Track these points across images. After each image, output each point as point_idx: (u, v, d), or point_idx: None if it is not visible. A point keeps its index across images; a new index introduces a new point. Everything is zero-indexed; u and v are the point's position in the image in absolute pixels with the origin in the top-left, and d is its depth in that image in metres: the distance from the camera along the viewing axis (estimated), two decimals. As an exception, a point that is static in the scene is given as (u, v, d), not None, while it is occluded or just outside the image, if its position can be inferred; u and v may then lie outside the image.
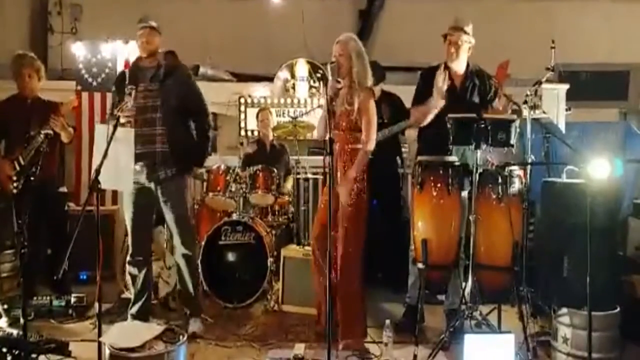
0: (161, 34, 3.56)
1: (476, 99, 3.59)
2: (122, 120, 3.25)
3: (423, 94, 3.55)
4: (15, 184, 3.80)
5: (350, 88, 3.32)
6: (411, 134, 4.47)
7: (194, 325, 3.61)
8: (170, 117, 3.45)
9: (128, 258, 3.58)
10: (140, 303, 3.58)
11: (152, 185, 3.50)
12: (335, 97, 3.35)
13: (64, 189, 4.39)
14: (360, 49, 3.38)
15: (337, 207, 3.32)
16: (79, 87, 5.75)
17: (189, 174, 3.73)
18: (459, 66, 3.56)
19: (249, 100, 6.07)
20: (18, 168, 3.84)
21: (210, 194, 4.45)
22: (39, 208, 3.88)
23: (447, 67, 3.53)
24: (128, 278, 4.03)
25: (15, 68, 4.08)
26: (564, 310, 3.16)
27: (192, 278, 3.66)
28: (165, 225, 3.89)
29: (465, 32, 3.50)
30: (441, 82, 3.38)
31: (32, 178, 3.67)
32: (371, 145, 3.33)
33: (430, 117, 3.49)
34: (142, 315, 3.54)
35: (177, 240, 3.61)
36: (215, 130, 6.01)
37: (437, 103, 3.41)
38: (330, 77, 3.31)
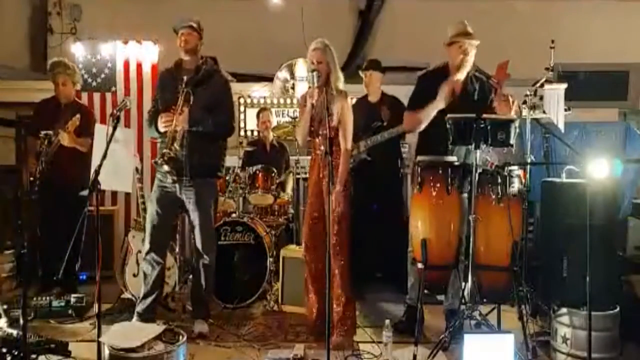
0: (202, 36, 3.62)
1: (477, 101, 3.54)
2: (161, 128, 3.37)
3: (420, 98, 3.54)
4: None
5: (327, 94, 3.33)
6: (410, 135, 4.46)
7: (201, 326, 3.60)
8: (199, 123, 3.45)
9: (143, 255, 3.58)
10: (148, 302, 3.57)
11: (177, 189, 3.51)
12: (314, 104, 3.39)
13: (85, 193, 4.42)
14: (334, 54, 3.45)
15: (324, 204, 3.38)
16: (79, 87, 5.74)
17: (213, 181, 3.70)
18: (464, 72, 3.51)
19: (248, 101, 6.06)
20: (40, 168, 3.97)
21: (210, 194, 4.43)
22: (59, 210, 4.03)
23: (447, 72, 3.51)
24: (128, 278, 4.05)
25: (50, 75, 4.35)
26: (564, 310, 3.16)
27: (207, 283, 3.67)
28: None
29: (472, 37, 3.46)
30: (447, 92, 3.41)
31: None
32: (349, 144, 3.45)
33: (424, 125, 3.49)
34: (148, 314, 3.55)
35: (199, 246, 3.61)
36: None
37: (436, 106, 3.40)
38: (311, 85, 3.37)
